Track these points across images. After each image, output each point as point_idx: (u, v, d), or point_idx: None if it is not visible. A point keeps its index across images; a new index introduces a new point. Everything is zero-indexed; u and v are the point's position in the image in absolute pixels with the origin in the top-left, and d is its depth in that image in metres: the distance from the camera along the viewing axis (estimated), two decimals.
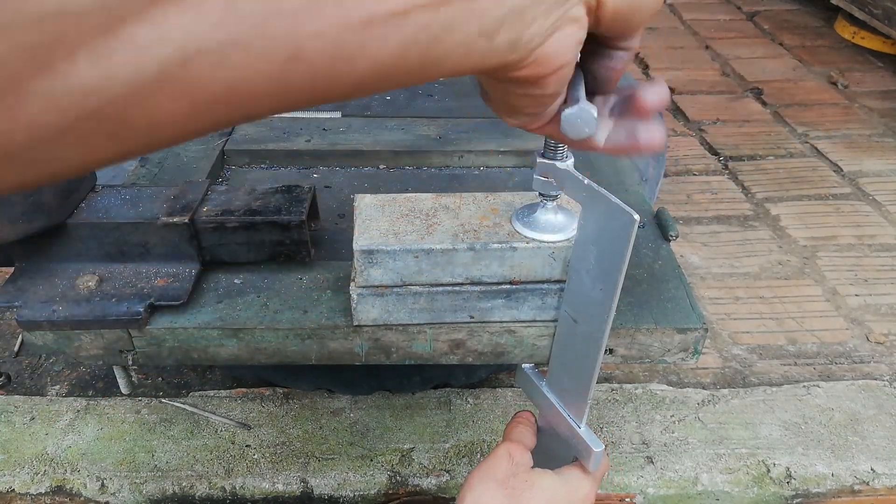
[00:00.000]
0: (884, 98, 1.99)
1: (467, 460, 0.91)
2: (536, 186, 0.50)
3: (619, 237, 0.44)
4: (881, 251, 1.38)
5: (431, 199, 0.55)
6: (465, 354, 0.57)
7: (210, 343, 0.56)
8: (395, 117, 0.89)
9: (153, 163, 0.74)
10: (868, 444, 0.94)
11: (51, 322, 0.54)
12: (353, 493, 0.89)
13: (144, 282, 0.57)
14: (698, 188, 1.58)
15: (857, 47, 2.32)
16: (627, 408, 1.00)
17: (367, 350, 0.57)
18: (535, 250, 0.50)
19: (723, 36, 2.41)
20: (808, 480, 0.91)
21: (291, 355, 0.57)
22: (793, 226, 1.45)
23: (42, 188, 0.55)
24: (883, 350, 1.15)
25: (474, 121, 0.86)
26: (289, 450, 0.92)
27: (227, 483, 0.88)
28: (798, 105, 1.95)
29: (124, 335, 0.56)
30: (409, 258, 0.50)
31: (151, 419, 0.96)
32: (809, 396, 1.02)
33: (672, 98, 1.99)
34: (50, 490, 0.88)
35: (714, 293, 1.27)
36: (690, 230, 1.43)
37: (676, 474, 0.90)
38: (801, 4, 2.71)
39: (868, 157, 1.70)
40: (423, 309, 0.53)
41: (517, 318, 0.55)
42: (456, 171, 0.80)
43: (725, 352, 1.15)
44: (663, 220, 0.67)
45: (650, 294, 0.59)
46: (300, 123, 0.85)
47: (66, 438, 0.93)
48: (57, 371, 1.08)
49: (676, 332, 0.57)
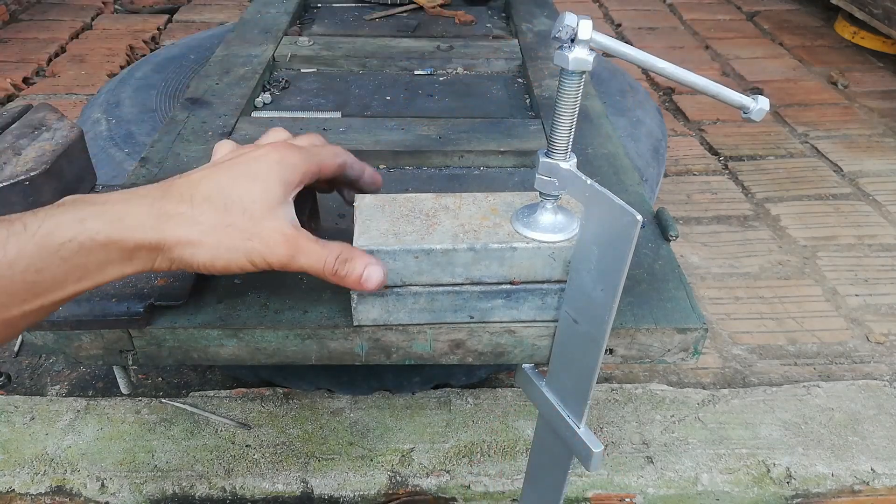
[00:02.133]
0: (884, 98, 1.99)
1: (467, 460, 0.91)
2: (538, 186, 0.50)
3: (621, 238, 0.44)
4: (881, 251, 1.38)
5: (431, 200, 0.55)
6: (465, 354, 0.57)
7: (210, 343, 0.56)
8: (395, 117, 0.89)
9: (153, 163, 0.74)
10: (868, 444, 0.95)
11: (51, 322, 0.54)
12: (353, 493, 0.89)
13: (144, 282, 0.57)
14: (698, 188, 1.58)
15: (857, 47, 2.32)
16: (627, 408, 1.00)
17: (367, 350, 0.57)
18: (536, 250, 0.50)
19: (723, 36, 2.41)
20: (808, 480, 0.91)
21: (291, 355, 0.57)
22: (793, 226, 1.45)
23: (42, 189, 0.55)
24: (883, 350, 1.15)
25: (474, 121, 0.86)
26: (289, 450, 0.92)
27: (227, 483, 0.88)
28: (798, 105, 1.95)
29: (124, 335, 0.56)
30: (409, 258, 0.50)
31: (151, 419, 0.96)
32: (809, 396, 1.02)
33: (672, 98, 1.99)
34: (50, 490, 0.88)
35: (714, 293, 1.27)
36: (690, 230, 1.43)
37: (676, 474, 0.90)
38: (801, 4, 2.71)
39: (868, 157, 1.70)
40: (423, 309, 0.53)
41: (517, 318, 0.55)
42: (456, 171, 0.80)
43: (725, 352, 1.15)
44: (663, 220, 0.67)
45: (650, 294, 0.59)
46: (300, 123, 0.85)
47: (66, 438, 0.93)
48: (57, 371, 1.08)
49: (676, 332, 0.57)
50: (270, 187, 0.48)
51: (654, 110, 1.09)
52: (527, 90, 0.99)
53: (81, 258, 0.41)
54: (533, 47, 1.08)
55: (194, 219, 0.45)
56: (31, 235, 0.39)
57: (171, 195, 0.46)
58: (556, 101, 0.47)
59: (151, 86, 1.05)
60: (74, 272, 0.41)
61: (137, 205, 0.44)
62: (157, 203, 0.45)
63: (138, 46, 2.21)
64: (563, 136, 0.48)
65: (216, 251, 0.45)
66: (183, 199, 0.45)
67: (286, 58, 1.04)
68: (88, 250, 0.41)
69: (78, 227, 0.41)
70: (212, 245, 0.45)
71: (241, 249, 0.46)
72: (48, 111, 0.63)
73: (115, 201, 0.43)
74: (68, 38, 2.23)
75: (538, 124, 0.86)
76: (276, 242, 0.47)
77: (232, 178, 0.47)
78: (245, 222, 0.46)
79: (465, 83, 1.01)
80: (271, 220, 0.47)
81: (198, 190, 0.46)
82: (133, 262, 0.43)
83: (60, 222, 0.41)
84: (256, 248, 0.46)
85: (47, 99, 1.87)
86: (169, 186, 0.47)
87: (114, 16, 2.49)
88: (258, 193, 0.47)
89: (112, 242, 0.42)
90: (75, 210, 0.42)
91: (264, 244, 0.46)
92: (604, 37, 0.44)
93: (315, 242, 0.48)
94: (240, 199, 0.46)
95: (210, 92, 0.90)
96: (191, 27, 2.39)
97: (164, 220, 0.44)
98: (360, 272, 0.48)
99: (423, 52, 1.09)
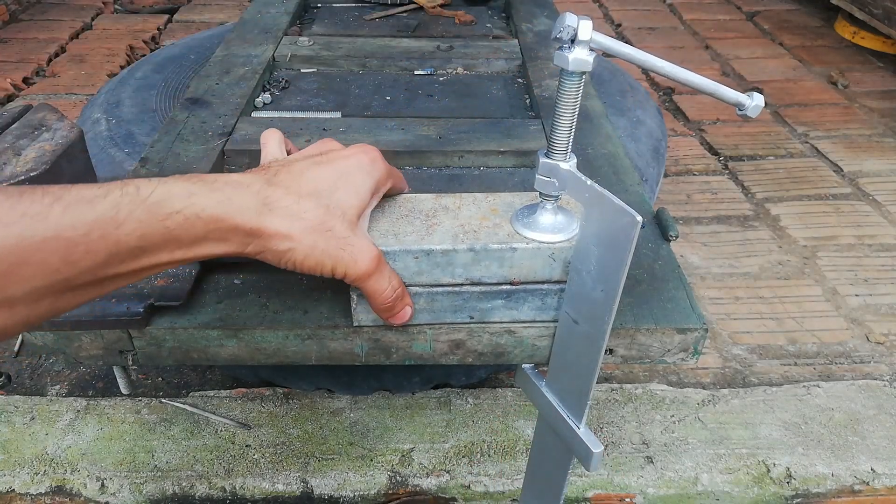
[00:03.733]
0: (884, 98, 1.99)
1: (467, 460, 0.91)
2: (538, 186, 0.50)
3: (621, 238, 0.44)
4: (881, 251, 1.38)
5: (431, 200, 0.55)
6: (465, 355, 0.57)
7: (210, 343, 0.56)
8: (395, 117, 0.89)
9: (153, 163, 0.74)
10: (868, 444, 0.95)
11: (51, 322, 0.54)
12: (353, 493, 0.89)
13: (144, 282, 0.57)
14: (698, 188, 1.58)
15: (857, 47, 2.32)
16: (627, 408, 1.00)
17: (367, 350, 0.57)
18: (535, 251, 0.50)
19: (723, 36, 2.41)
20: (808, 480, 0.91)
21: (291, 355, 0.57)
22: (793, 226, 1.45)
23: None
24: (883, 350, 1.15)
25: (474, 121, 0.86)
26: (289, 450, 0.92)
27: (227, 483, 0.88)
28: (798, 105, 1.95)
29: (124, 335, 0.56)
30: (408, 259, 0.50)
31: (151, 419, 0.96)
32: (809, 396, 1.02)
33: (672, 98, 1.99)
34: (50, 490, 0.88)
35: (714, 293, 1.27)
36: (690, 230, 1.43)
37: (676, 474, 0.90)
38: (801, 4, 2.71)
39: (868, 157, 1.70)
40: (422, 309, 0.54)
41: (517, 318, 0.55)
42: (456, 171, 0.80)
43: (725, 352, 1.15)
44: (663, 220, 0.66)
45: (650, 294, 0.59)
46: (300, 124, 0.85)
47: (66, 438, 0.93)
48: (57, 371, 1.08)
49: (676, 332, 0.57)
50: (363, 194, 0.48)
51: (654, 110, 1.09)
52: (527, 90, 0.99)
53: (184, 230, 0.41)
54: (533, 47, 1.08)
55: (297, 215, 0.45)
56: (143, 200, 0.40)
57: (277, 185, 0.45)
58: (556, 102, 0.47)
59: (151, 86, 1.05)
60: (173, 242, 0.42)
61: (245, 189, 0.44)
62: (264, 191, 0.44)
63: (138, 46, 2.21)
64: (563, 136, 0.48)
65: (311, 252, 0.45)
66: (289, 192, 0.45)
67: (286, 58, 1.04)
68: (192, 224, 0.42)
69: (187, 200, 0.41)
70: (308, 245, 0.45)
71: (334, 256, 0.46)
72: (48, 111, 0.63)
73: (225, 182, 0.44)
74: (68, 38, 2.23)
75: (538, 124, 0.86)
76: (365, 259, 0.47)
77: (334, 177, 0.47)
78: (344, 229, 0.46)
79: (465, 83, 1.01)
80: (361, 231, 0.48)
81: (302, 184, 0.46)
82: (227, 242, 0.44)
83: (172, 192, 0.41)
84: (345, 259, 0.46)
85: (47, 99, 1.87)
86: (275, 174, 0.46)
87: (114, 16, 2.49)
88: (354, 199, 0.47)
89: (214, 220, 0.42)
90: (187, 184, 0.42)
91: (353, 257, 0.46)
92: (604, 37, 0.44)
93: (389, 268, 0.49)
94: (339, 203, 0.46)
95: (210, 92, 0.90)
96: (191, 27, 2.39)
97: (268, 208, 0.44)
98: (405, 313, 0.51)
99: (423, 52, 1.09)
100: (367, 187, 0.48)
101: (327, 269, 0.46)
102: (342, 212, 0.46)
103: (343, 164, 0.48)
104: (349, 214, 0.46)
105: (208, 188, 0.43)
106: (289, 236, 0.44)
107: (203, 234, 0.42)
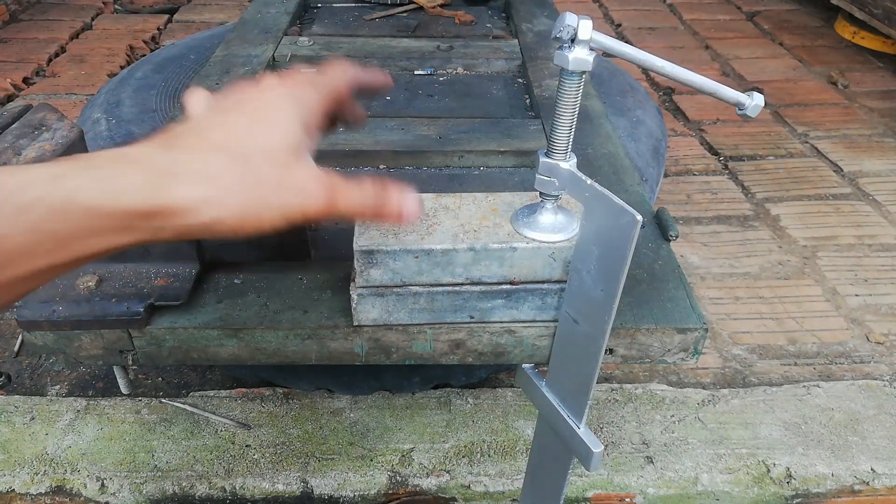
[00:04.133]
0: (884, 98, 1.99)
1: (467, 460, 0.91)
2: (538, 186, 0.50)
3: (621, 238, 0.44)
4: (881, 251, 1.38)
5: (431, 200, 0.55)
6: (465, 354, 0.57)
7: (210, 343, 0.56)
8: (395, 117, 0.89)
9: None
10: (868, 444, 0.95)
11: (51, 322, 0.54)
12: (353, 493, 0.89)
13: (144, 282, 0.57)
14: (698, 188, 1.58)
15: (857, 47, 2.32)
16: (627, 408, 1.00)
17: (367, 350, 0.57)
18: (536, 250, 0.50)
19: (723, 36, 2.41)
20: (808, 480, 0.91)
21: (291, 355, 0.57)
22: (793, 226, 1.45)
23: None
24: (883, 350, 1.15)
25: (474, 121, 0.86)
26: (289, 450, 0.92)
27: (227, 483, 0.88)
28: (798, 105, 1.95)
29: (124, 335, 0.56)
30: (409, 258, 0.50)
31: (151, 419, 0.96)
32: (809, 396, 1.02)
33: (672, 98, 1.99)
34: (50, 490, 0.87)
35: (714, 293, 1.27)
36: (690, 230, 1.43)
37: (676, 474, 0.90)
38: (801, 4, 2.71)
39: (868, 157, 1.70)
40: (423, 309, 0.53)
41: (517, 318, 0.55)
42: (456, 171, 0.80)
43: (725, 352, 1.15)
44: (663, 220, 0.66)
45: (650, 294, 0.59)
46: None
47: (66, 438, 0.93)
48: (57, 371, 1.08)
49: (676, 332, 0.57)
50: (291, 129, 0.41)
51: (654, 110, 1.09)
52: (527, 90, 0.99)
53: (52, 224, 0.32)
54: (533, 47, 1.08)
55: (210, 175, 0.37)
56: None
57: (178, 147, 0.38)
58: (556, 101, 0.47)
59: (151, 86, 1.05)
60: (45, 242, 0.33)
61: (133, 162, 0.36)
62: (160, 158, 0.37)
63: (138, 46, 2.21)
64: (563, 136, 0.48)
65: (244, 211, 0.38)
66: (193, 152, 0.38)
67: (286, 58, 1.04)
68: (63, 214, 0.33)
69: (50, 184, 0.32)
70: (237, 204, 0.37)
71: (275, 205, 0.39)
72: (48, 111, 0.63)
73: (106, 158, 0.36)
74: (68, 38, 2.23)
75: (538, 124, 0.86)
76: (314, 189, 0.40)
77: (247, 122, 0.40)
78: (273, 172, 0.39)
79: (465, 83, 1.01)
80: (300, 165, 0.40)
81: (208, 139, 0.39)
82: (126, 232, 0.35)
83: (33, 177, 0.33)
84: (292, 201, 0.39)
85: (47, 99, 1.87)
86: (175, 137, 0.39)
87: (114, 16, 2.49)
88: (279, 137, 0.40)
89: (95, 207, 0.33)
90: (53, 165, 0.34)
91: (300, 194, 0.39)
92: (604, 37, 0.44)
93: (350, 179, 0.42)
94: (261, 147, 0.39)
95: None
96: (191, 27, 2.39)
97: (168, 179, 0.36)
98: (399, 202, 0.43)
99: (423, 52, 1.09)
100: (293, 119, 0.41)
101: (278, 220, 0.39)
102: (268, 155, 0.39)
103: (255, 104, 0.41)
104: (278, 156, 0.39)
105: (81, 167, 0.34)
106: (206, 202, 0.36)
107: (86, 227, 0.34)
